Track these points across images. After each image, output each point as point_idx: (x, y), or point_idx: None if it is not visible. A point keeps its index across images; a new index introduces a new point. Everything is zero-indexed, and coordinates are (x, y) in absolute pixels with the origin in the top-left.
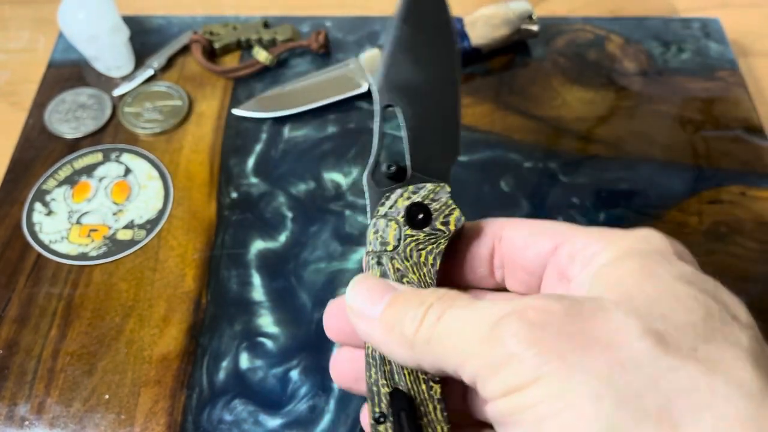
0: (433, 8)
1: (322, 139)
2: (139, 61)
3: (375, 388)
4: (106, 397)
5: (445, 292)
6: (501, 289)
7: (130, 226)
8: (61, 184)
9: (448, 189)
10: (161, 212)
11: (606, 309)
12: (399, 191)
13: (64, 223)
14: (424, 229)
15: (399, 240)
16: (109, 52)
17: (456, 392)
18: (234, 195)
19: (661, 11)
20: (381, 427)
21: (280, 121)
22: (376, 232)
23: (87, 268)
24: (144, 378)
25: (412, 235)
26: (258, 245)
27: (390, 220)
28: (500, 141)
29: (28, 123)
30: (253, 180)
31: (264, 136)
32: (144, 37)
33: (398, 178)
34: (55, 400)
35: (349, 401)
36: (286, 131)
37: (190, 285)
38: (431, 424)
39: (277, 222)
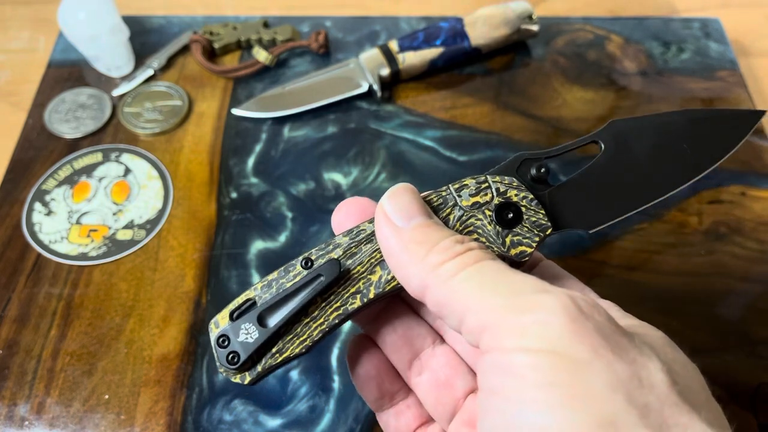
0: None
1: (321, 139)
2: (139, 61)
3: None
4: (106, 397)
5: (480, 248)
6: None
7: (129, 226)
8: (60, 184)
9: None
10: (161, 212)
11: (635, 341)
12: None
13: (64, 223)
14: (503, 228)
15: (476, 211)
16: (109, 52)
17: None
18: (234, 195)
19: (661, 11)
20: (301, 268)
21: (280, 121)
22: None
23: (87, 268)
24: (144, 378)
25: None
26: (258, 245)
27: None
28: (500, 141)
29: (28, 123)
30: (253, 180)
31: (264, 136)
32: (144, 37)
33: (540, 181)
34: (55, 400)
35: (349, 401)
36: (286, 131)
37: (190, 285)
38: (328, 307)
39: (277, 222)
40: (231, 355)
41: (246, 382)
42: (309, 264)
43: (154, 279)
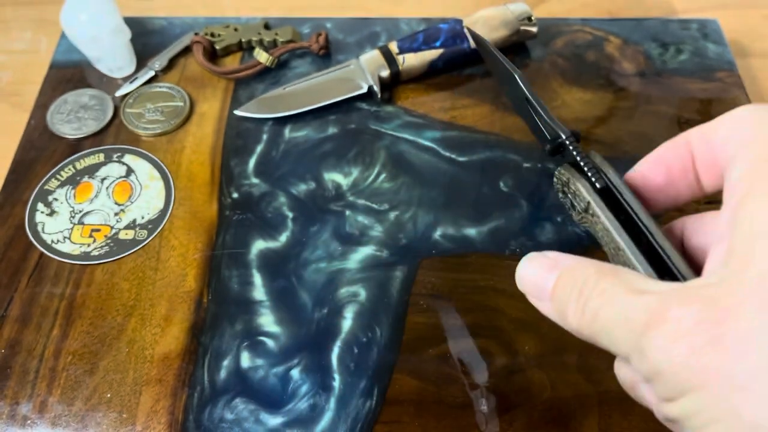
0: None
1: (322, 140)
2: (141, 62)
3: None
4: (108, 396)
5: (604, 276)
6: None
7: (131, 226)
8: (63, 184)
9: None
10: (163, 212)
11: (742, 308)
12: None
13: (66, 223)
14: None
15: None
16: (110, 53)
17: None
18: (235, 195)
19: (660, 12)
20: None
21: (281, 121)
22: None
23: (89, 267)
24: (145, 377)
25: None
26: (259, 245)
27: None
28: (500, 141)
29: (30, 124)
30: (254, 180)
31: (265, 136)
32: (145, 39)
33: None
34: (57, 399)
35: (349, 400)
36: (287, 132)
37: (192, 284)
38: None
39: (278, 222)
40: None
41: None
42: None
43: (155, 279)
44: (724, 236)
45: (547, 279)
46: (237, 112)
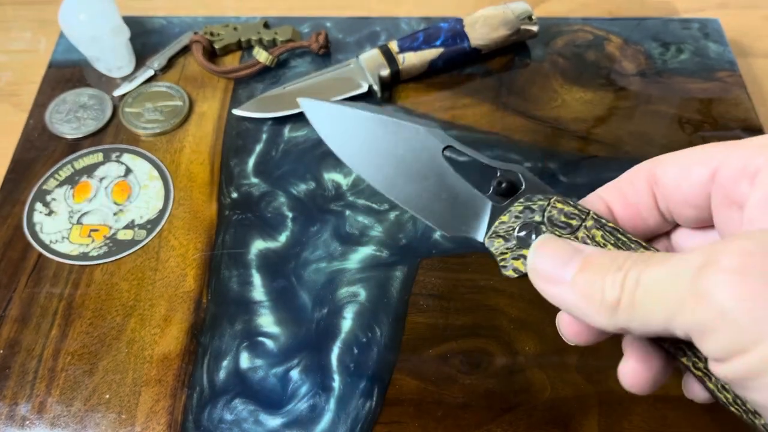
0: None
1: (322, 140)
2: (140, 61)
3: None
4: (107, 396)
5: (641, 255)
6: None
7: (130, 226)
8: (61, 184)
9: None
10: (162, 212)
11: None
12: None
13: (65, 223)
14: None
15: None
16: (110, 52)
17: None
18: (234, 195)
19: (660, 12)
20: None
21: (281, 121)
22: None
23: (88, 268)
24: (145, 377)
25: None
26: (258, 245)
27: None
28: (500, 141)
29: (29, 123)
30: (254, 180)
31: (264, 136)
32: (145, 38)
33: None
34: (56, 399)
35: (349, 400)
36: (287, 131)
37: (191, 285)
38: None
39: (278, 222)
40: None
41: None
42: None
43: (155, 279)
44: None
45: (568, 260)
46: (236, 112)
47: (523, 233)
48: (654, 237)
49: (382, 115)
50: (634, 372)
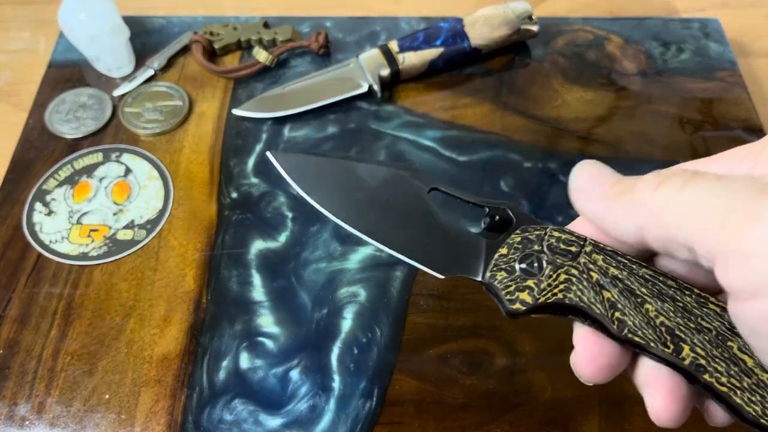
0: None
1: (322, 139)
2: (140, 61)
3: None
4: (107, 396)
5: (688, 169)
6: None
7: (130, 226)
8: (61, 184)
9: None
10: (161, 212)
11: None
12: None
13: (65, 223)
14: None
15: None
16: (109, 52)
17: None
18: (234, 195)
19: (661, 12)
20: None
21: (281, 121)
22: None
23: (87, 268)
24: (144, 378)
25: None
26: (258, 245)
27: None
28: (500, 141)
29: (28, 123)
30: (254, 180)
31: (264, 136)
32: (144, 38)
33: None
34: (56, 399)
35: (349, 401)
36: (287, 131)
37: (191, 285)
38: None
39: (278, 222)
40: None
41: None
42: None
43: (154, 279)
44: None
45: (607, 178)
46: (236, 112)
47: (524, 264)
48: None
49: (362, 163)
50: (665, 407)
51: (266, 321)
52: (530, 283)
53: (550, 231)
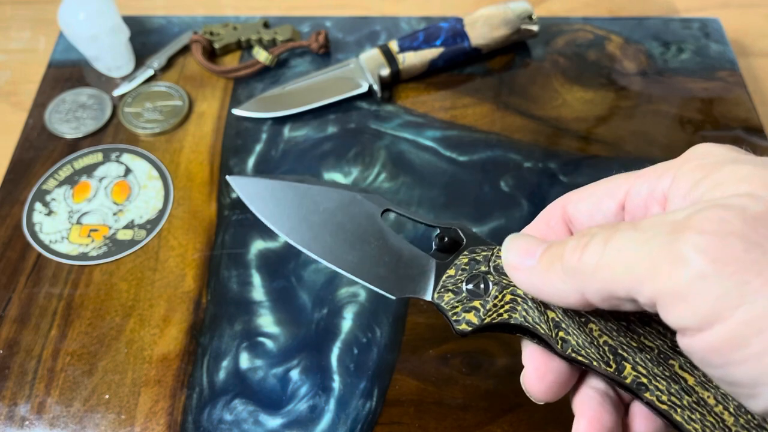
0: None
1: (322, 139)
2: (140, 61)
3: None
4: (107, 396)
5: (608, 224)
6: None
7: (130, 226)
8: (61, 184)
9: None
10: (161, 212)
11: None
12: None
13: (65, 223)
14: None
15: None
16: (109, 52)
17: None
18: (234, 195)
19: (661, 11)
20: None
21: (281, 121)
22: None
23: (87, 268)
24: (144, 378)
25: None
26: (258, 245)
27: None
28: (500, 141)
29: (28, 123)
30: None
31: (264, 136)
32: (144, 38)
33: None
34: (56, 399)
35: (349, 401)
36: (286, 131)
37: (191, 285)
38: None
39: None
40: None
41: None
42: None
43: (154, 279)
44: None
45: (535, 249)
46: (236, 112)
47: (471, 285)
48: None
49: (318, 186)
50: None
51: (266, 321)
52: (476, 303)
53: (497, 251)
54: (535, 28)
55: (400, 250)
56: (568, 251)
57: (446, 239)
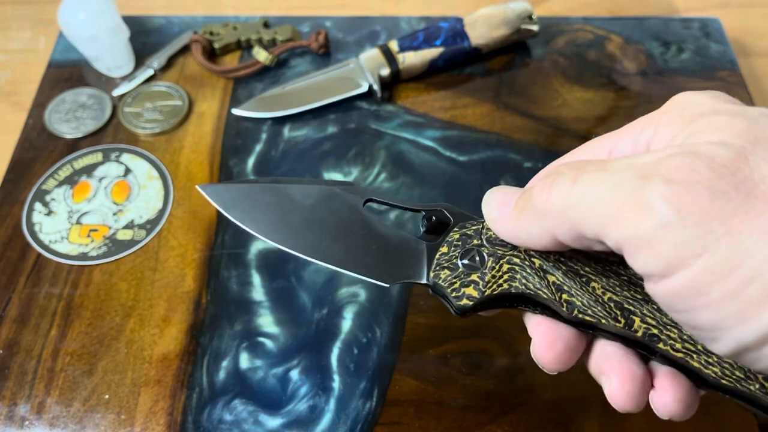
0: None
1: (322, 139)
2: (140, 61)
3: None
4: (106, 397)
5: (576, 160)
6: None
7: (130, 226)
8: (61, 184)
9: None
10: (161, 212)
11: (747, 156)
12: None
13: (64, 223)
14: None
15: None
16: (109, 52)
17: None
18: None
19: (661, 11)
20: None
21: (280, 121)
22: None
23: (87, 268)
24: (144, 378)
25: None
26: (258, 245)
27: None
28: (500, 141)
29: (28, 123)
30: None
31: (264, 136)
32: (144, 37)
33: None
34: (56, 399)
35: (349, 401)
36: (286, 131)
37: (191, 285)
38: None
39: None
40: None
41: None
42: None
43: (154, 279)
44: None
45: (511, 198)
46: (236, 112)
47: (467, 259)
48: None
49: (294, 185)
50: (621, 389)
51: (266, 321)
52: (474, 277)
53: (486, 224)
54: (535, 28)
55: (388, 237)
56: (536, 192)
57: (433, 219)
